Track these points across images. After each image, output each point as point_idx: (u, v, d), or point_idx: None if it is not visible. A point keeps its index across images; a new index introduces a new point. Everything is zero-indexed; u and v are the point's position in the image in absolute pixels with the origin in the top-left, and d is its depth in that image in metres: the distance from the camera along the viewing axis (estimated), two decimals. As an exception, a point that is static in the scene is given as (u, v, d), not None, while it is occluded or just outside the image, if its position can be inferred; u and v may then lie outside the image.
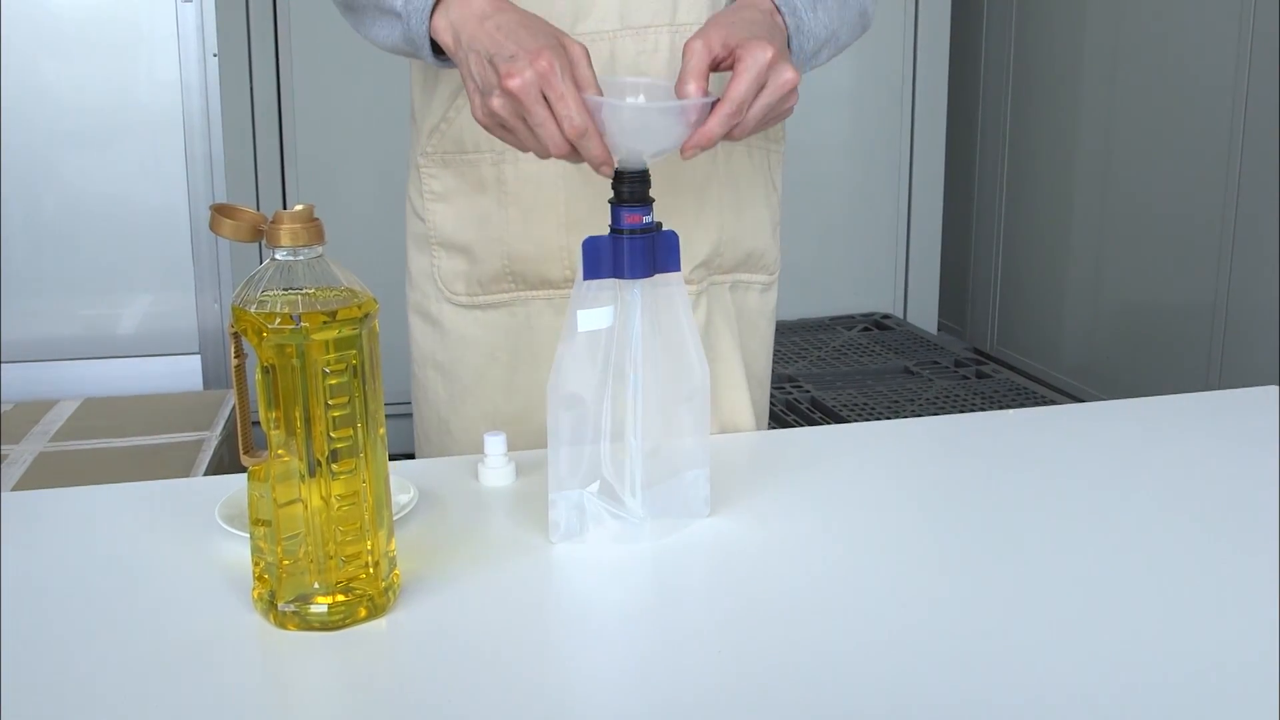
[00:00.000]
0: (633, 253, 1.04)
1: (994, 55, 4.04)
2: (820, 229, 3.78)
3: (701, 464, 1.12)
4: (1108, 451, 1.30)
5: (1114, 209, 3.52)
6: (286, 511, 0.92)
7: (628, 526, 1.09)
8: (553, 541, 1.08)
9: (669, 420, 1.10)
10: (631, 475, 1.09)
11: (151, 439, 2.78)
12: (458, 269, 1.37)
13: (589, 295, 1.05)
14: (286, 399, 0.90)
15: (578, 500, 1.08)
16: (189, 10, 3.72)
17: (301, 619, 0.93)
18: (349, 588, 0.93)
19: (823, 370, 3.32)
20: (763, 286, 1.44)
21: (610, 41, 1.26)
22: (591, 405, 1.07)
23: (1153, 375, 3.37)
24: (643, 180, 1.05)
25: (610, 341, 1.06)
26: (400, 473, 1.17)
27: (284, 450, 0.91)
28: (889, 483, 1.23)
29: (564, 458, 1.07)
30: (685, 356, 1.09)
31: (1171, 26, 3.25)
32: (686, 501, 1.12)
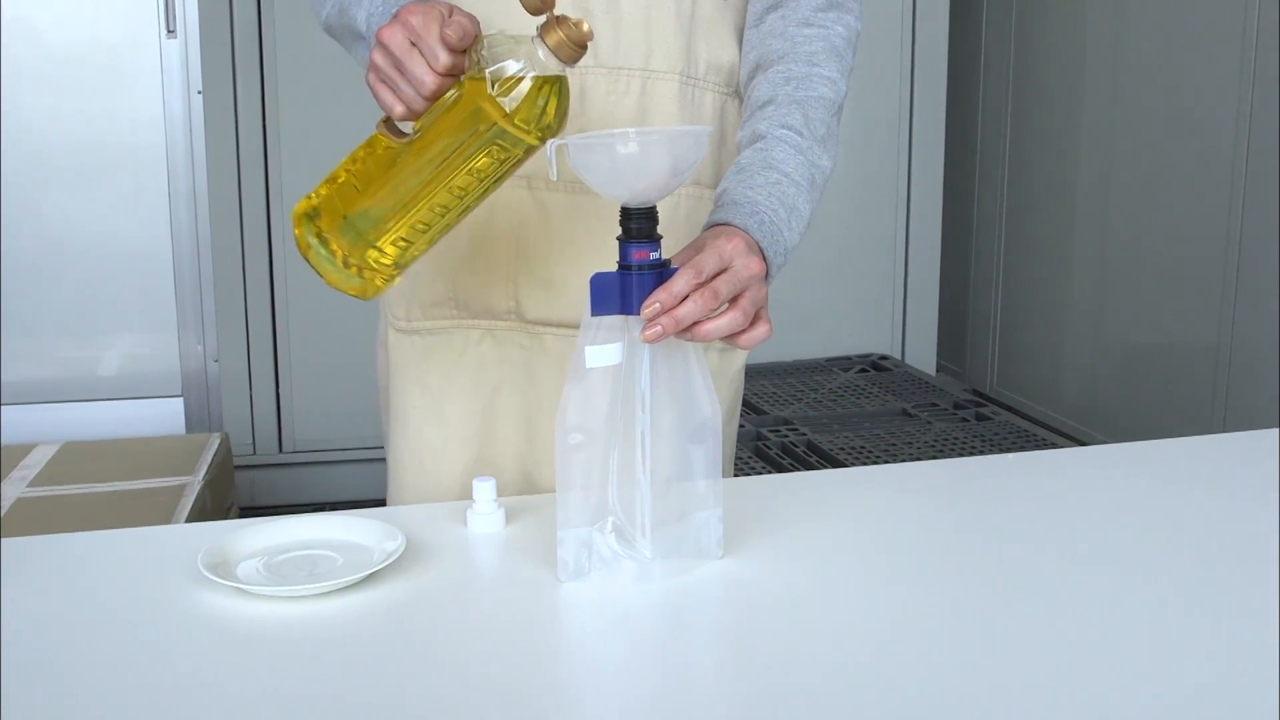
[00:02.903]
0: (641, 288, 1.06)
1: (992, 92, 4.06)
2: (816, 268, 3.79)
3: (714, 505, 1.12)
4: (1110, 497, 1.30)
5: (1115, 247, 3.53)
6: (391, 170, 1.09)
7: (637, 567, 1.09)
8: (560, 580, 1.08)
9: (679, 460, 1.10)
10: (641, 515, 1.09)
11: (132, 484, 2.77)
12: (401, 291, 1.39)
13: (597, 332, 1.06)
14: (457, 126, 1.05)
15: (586, 539, 1.08)
16: (173, 46, 3.74)
17: (316, 251, 1.10)
18: (365, 262, 1.10)
19: (819, 413, 3.32)
20: (723, 348, 1.42)
21: (580, 77, 1.28)
22: (600, 444, 1.08)
23: (1156, 417, 3.37)
24: (649, 217, 1.06)
25: (618, 379, 1.07)
26: (388, 519, 1.17)
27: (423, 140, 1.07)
28: (886, 529, 1.24)
29: (573, 496, 1.07)
30: (695, 395, 1.09)
31: (1172, 67, 3.28)
32: (698, 543, 1.12)
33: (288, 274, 3.42)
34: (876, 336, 3.92)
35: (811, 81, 1.29)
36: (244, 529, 1.15)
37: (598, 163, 1.06)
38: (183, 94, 3.76)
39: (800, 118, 1.27)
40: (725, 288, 1.09)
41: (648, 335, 1.06)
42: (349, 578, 1.06)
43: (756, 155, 1.25)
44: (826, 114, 1.29)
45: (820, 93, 1.29)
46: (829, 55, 1.31)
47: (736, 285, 1.10)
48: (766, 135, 1.26)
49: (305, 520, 1.17)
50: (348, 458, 3.51)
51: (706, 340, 1.08)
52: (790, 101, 1.28)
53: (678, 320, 1.06)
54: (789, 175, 1.23)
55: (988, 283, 4.14)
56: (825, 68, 1.30)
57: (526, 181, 1.31)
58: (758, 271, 1.12)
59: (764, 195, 1.21)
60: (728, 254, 1.11)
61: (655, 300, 1.06)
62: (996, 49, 4.03)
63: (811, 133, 1.27)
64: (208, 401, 3.84)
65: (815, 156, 1.26)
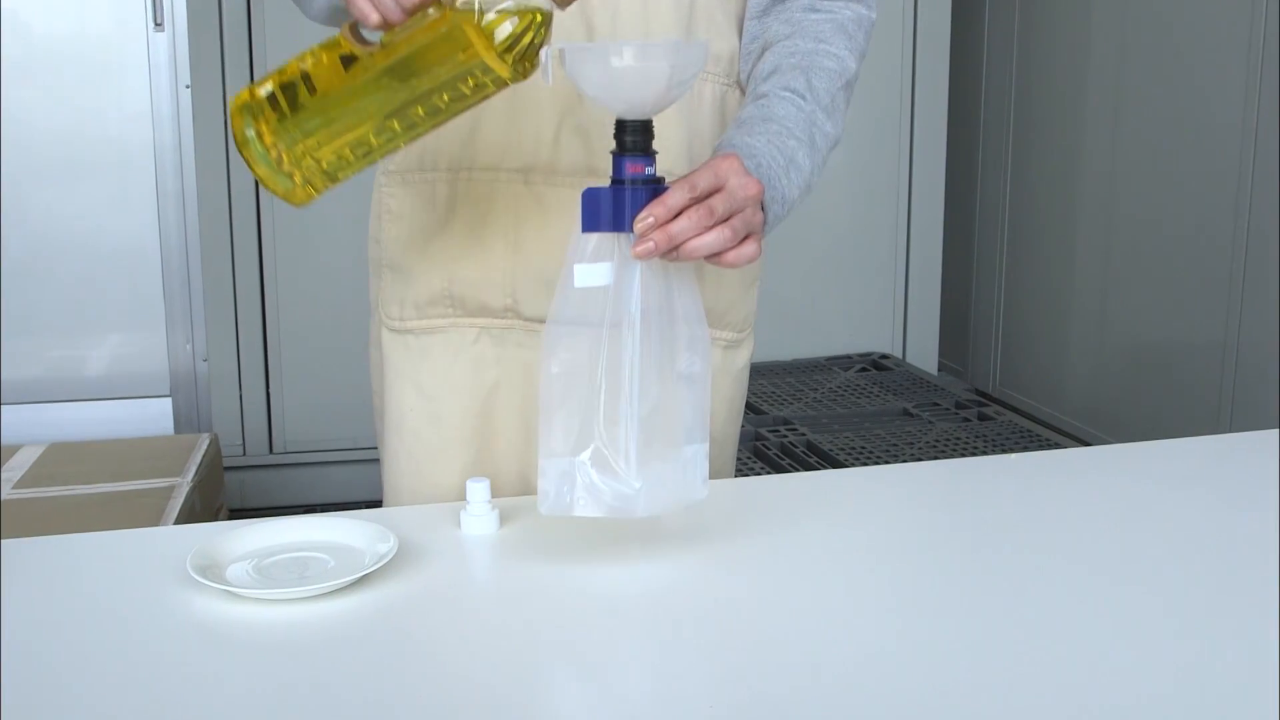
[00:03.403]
0: (635, 204, 1.05)
1: (994, 87, 4.07)
2: (815, 266, 3.79)
3: (701, 439, 1.10)
4: (1114, 498, 1.30)
5: (1119, 244, 3.54)
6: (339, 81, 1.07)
7: (620, 498, 1.06)
8: (541, 511, 1.07)
9: (667, 389, 1.08)
10: (626, 445, 1.06)
11: (120, 485, 2.77)
12: (395, 291, 1.38)
13: (587, 249, 1.05)
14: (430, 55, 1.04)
15: (568, 470, 1.06)
16: (160, 40, 3.74)
17: (253, 146, 1.08)
18: (299, 167, 1.09)
19: (818, 413, 3.32)
20: (727, 344, 1.41)
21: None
22: (586, 368, 1.06)
23: (1161, 416, 3.37)
24: (645, 130, 1.06)
25: (608, 300, 1.05)
26: (380, 520, 1.17)
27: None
28: (887, 530, 1.24)
29: (556, 423, 1.06)
30: (688, 321, 1.08)
31: (1177, 63, 3.28)
32: (684, 480, 1.10)
33: (278, 272, 3.42)
34: (877, 335, 3.93)
35: (817, 56, 1.29)
36: (234, 531, 1.15)
37: (593, 72, 1.05)
38: (170, 89, 3.75)
39: (804, 82, 1.27)
40: (721, 205, 1.08)
41: (639, 251, 1.04)
42: (340, 580, 1.06)
43: (757, 109, 1.25)
44: (832, 85, 1.29)
45: (826, 65, 1.29)
46: (836, 32, 1.31)
47: (732, 204, 1.09)
48: (768, 94, 1.26)
49: (296, 522, 1.17)
50: (339, 458, 3.51)
51: (692, 257, 1.07)
52: (794, 69, 1.28)
53: (671, 236, 1.05)
54: (789, 129, 1.23)
55: (990, 280, 4.15)
56: (832, 44, 1.30)
57: (523, 176, 1.31)
58: (754, 193, 1.11)
59: (762, 142, 1.20)
60: (723, 172, 1.10)
61: (649, 214, 1.05)
62: (999, 44, 4.03)
63: (815, 98, 1.27)
64: (197, 401, 3.84)
65: (818, 119, 1.26)
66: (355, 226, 3.29)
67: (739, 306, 1.42)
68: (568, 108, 1.28)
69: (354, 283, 2.70)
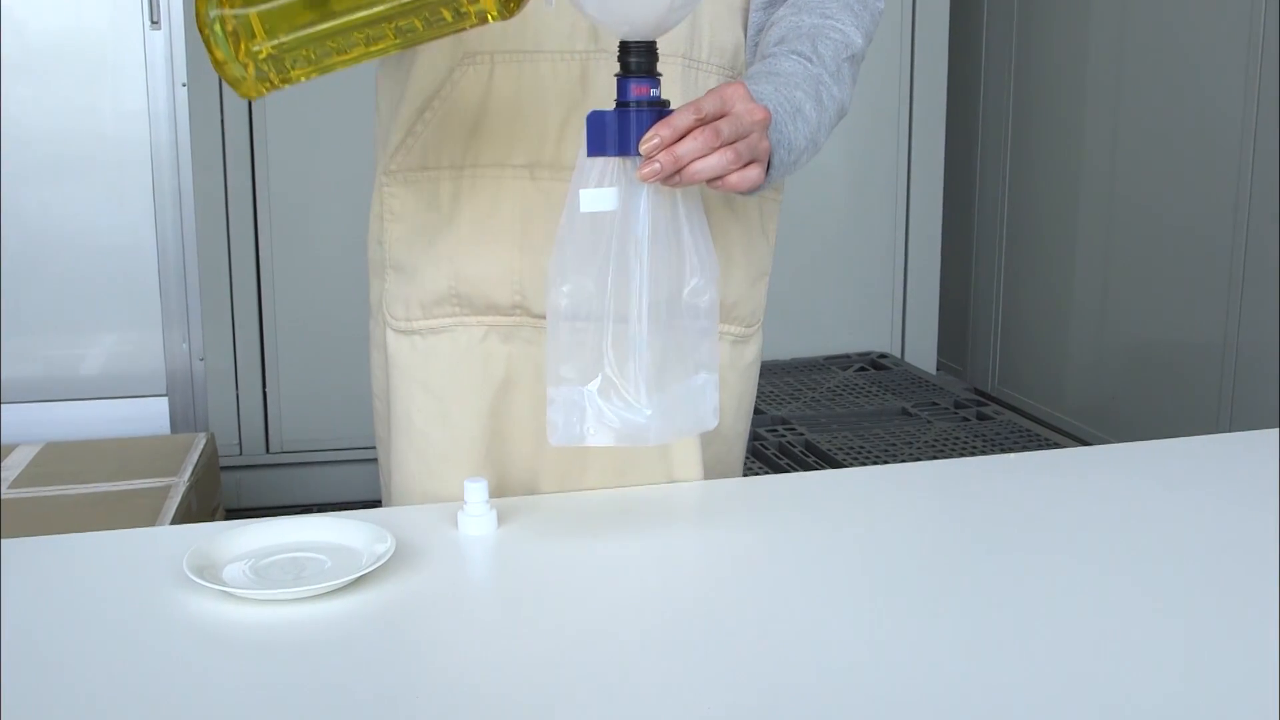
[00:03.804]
0: (640, 126, 1.05)
1: (993, 84, 4.07)
2: (813, 264, 3.79)
3: (710, 368, 1.10)
4: (1113, 498, 1.30)
5: (1119, 243, 3.54)
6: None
7: (631, 426, 1.06)
8: (551, 443, 1.06)
9: (676, 317, 1.08)
10: (636, 372, 1.06)
11: (116, 485, 2.77)
12: (400, 291, 1.38)
13: (592, 174, 1.04)
14: None
15: (578, 399, 1.06)
16: (157, 38, 3.74)
17: (213, 29, 1.06)
18: (255, 60, 1.07)
19: (817, 412, 3.32)
20: (735, 339, 1.41)
21: (583, 61, 1.28)
22: (593, 295, 1.05)
23: (1161, 416, 3.38)
24: (649, 51, 1.05)
25: (614, 226, 1.05)
26: (377, 520, 1.17)
27: None
28: (885, 530, 1.24)
29: (563, 352, 1.05)
30: (696, 247, 1.07)
31: (1177, 61, 3.28)
32: (694, 409, 1.09)
33: (274, 271, 3.42)
34: (876, 334, 3.93)
35: (823, 29, 1.29)
36: (230, 531, 1.15)
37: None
38: (167, 87, 3.75)
39: (810, 47, 1.27)
40: (727, 128, 1.07)
41: (645, 173, 1.04)
42: (337, 581, 1.06)
43: (763, 65, 1.25)
44: (838, 54, 1.28)
45: (832, 36, 1.29)
46: (842, 9, 1.31)
47: (739, 129, 1.09)
48: (775, 55, 1.26)
49: (292, 522, 1.17)
50: (336, 458, 3.51)
51: (696, 180, 1.07)
52: (800, 37, 1.27)
53: (677, 158, 1.05)
54: (795, 82, 1.22)
55: (989, 279, 4.15)
56: (838, 20, 1.30)
57: (529, 171, 1.30)
58: (761, 118, 1.11)
59: (769, 90, 1.20)
60: (729, 97, 1.10)
61: (656, 134, 1.05)
62: (998, 42, 4.04)
63: (821, 63, 1.26)
64: (193, 401, 3.84)
65: (825, 80, 1.25)
66: (352, 224, 3.30)
67: (747, 300, 1.41)
68: (573, 101, 1.28)
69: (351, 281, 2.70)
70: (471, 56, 1.29)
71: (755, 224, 1.40)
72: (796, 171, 1.23)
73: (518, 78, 1.28)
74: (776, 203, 1.43)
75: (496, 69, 1.28)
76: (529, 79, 1.28)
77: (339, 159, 3.37)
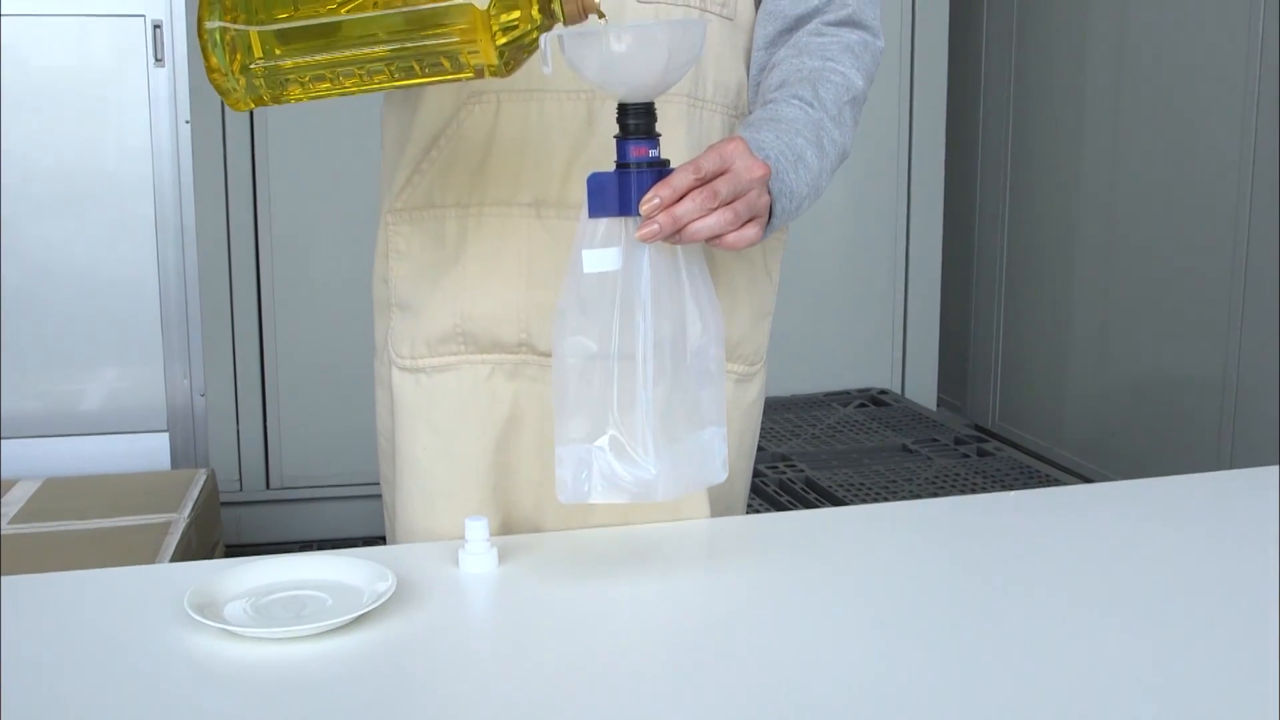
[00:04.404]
0: (640, 187, 1.06)
1: (992, 119, 4.08)
2: (813, 300, 3.80)
3: (718, 421, 1.11)
4: (1114, 536, 1.30)
5: (1119, 279, 3.54)
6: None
7: (639, 483, 1.06)
8: (560, 500, 1.07)
9: (682, 373, 1.08)
10: (643, 430, 1.07)
11: (116, 521, 2.76)
12: (405, 329, 1.38)
13: (595, 234, 1.05)
14: None
15: (585, 456, 1.07)
16: (161, 75, 3.75)
17: (213, 37, 1.07)
18: (252, 75, 1.07)
19: (817, 449, 3.32)
20: (738, 378, 1.41)
21: (588, 102, 1.29)
22: (599, 354, 1.06)
23: (1162, 452, 3.37)
24: (647, 113, 1.07)
25: (617, 284, 1.06)
26: (377, 558, 1.17)
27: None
28: (887, 569, 1.23)
29: (570, 410, 1.06)
30: (699, 302, 1.08)
31: (1174, 100, 3.29)
32: (703, 462, 1.10)
33: (276, 306, 3.42)
34: (876, 370, 3.93)
35: (824, 72, 1.30)
36: (231, 569, 1.15)
37: (593, 56, 1.06)
38: (170, 124, 3.77)
39: (811, 92, 1.27)
40: (725, 188, 1.08)
41: (644, 233, 1.05)
42: (338, 619, 1.06)
43: (764, 111, 1.26)
44: (839, 97, 1.29)
45: (833, 79, 1.29)
46: (842, 52, 1.32)
47: (737, 187, 1.09)
48: (776, 100, 1.27)
49: (294, 560, 1.17)
50: (337, 494, 3.50)
51: (693, 240, 1.08)
52: (801, 81, 1.28)
53: (675, 219, 1.06)
54: (796, 128, 1.23)
55: (989, 315, 4.15)
56: (838, 63, 1.31)
57: (535, 210, 1.31)
58: (760, 174, 1.12)
59: (770, 137, 1.20)
60: (728, 154, 1.11)
61: (655, 195, 1.06)
62: (996, 77, 4.05)
63: (822, 107, 1.27)
64: (194, 436, 3.84)
65: (826, 125, 1.26)
66: (354, 261, 3.31)
67: (750, 339, 1.42)
68: (579, 139, 1.29)
69: (352, 318, 2.71)
70: (478, 95, 1.29)
71: (759, 264, 1.41)
72: (799, 217, 1.24)
73: (524, 116, 1.29)
74: (781, 242, 1.43)
75: (503, 107, 1.29)
76: (535, 117, 1.29)
77: (341, 195, 3.38)
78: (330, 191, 3.40)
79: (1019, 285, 4.01)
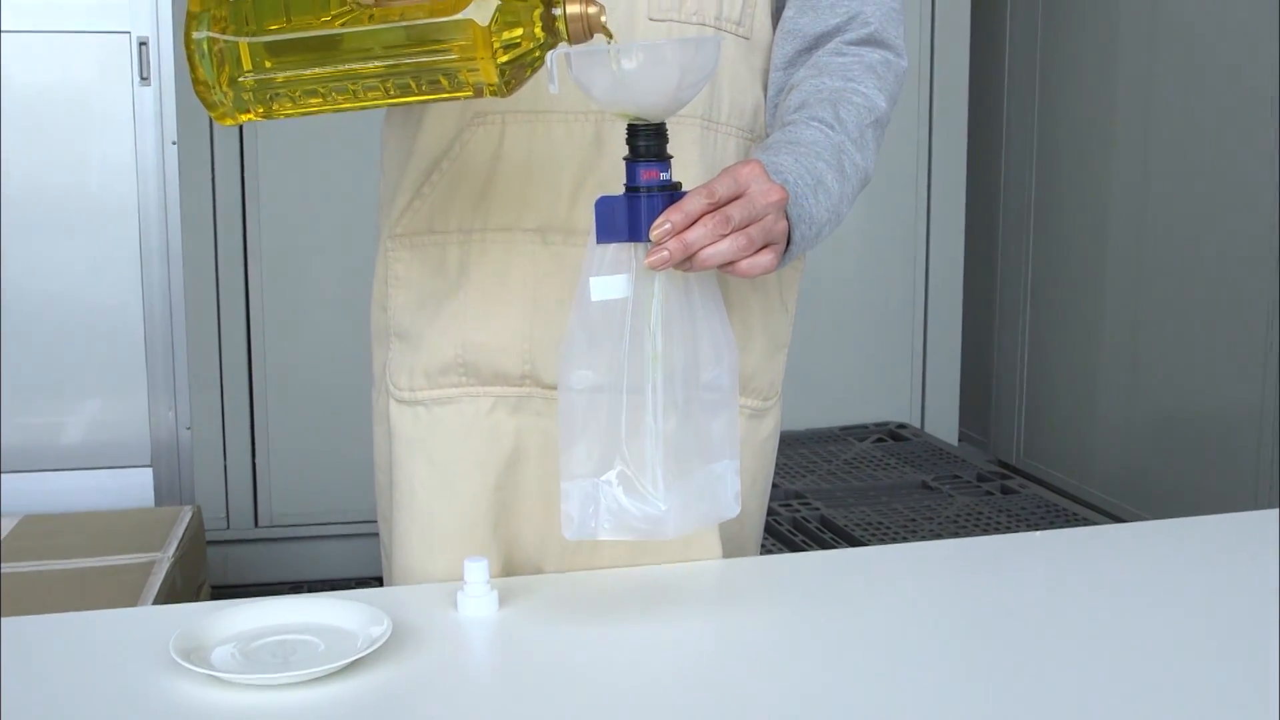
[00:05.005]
0: (651, 212, 1.06)
1: (1016, 141, 4.09)
2: (828, 329, 3.80)
3: (731, 454, 1.10)
4: (1146, 579, 1.30)
5: (1149, 307, 3.54)
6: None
7: (648, 519, 1.06)
8: (565, 537, 1.07)
9: (693, 404, 1.08)
10: (652, 462, 1.07)
11: (97, 561, 2.76)
12: (404, 360, 1.38)
13: (603, 260, 1.05)
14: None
15: (592, 491, 1.07)
16: (146, 93, 3.77)
17: (200, 46, 1.07)
18: (241, 87, 1.07)
19: (833, 486, 3.32)
20: (752, 412, 1.41)
21: (596, 124, 1.29)
22: (606, 384, 1.06)
23: (1195, 489, 3.37)
24: (659, 134, 1.07)
25: (626, 313, 1.06)
26: (372, 601, 1.17)
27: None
28: (907, 613, 1.23)
29: (577, 443, 1.06)
30: (711, 331, 1.08)
31: (1207, 128, 3.30)
32: (714, 497, 1.10)
33: (266, 336, 3.43)
34: (894, 403, 3.93)
35: (845, 92, 1.30)
36: (219, 611, 1.15)
37: (602, 75, 1.06)
38: (156, 144, 3.78)
39: (831, 114, 1.28)
40: (739, 213, 1.08)
41: (653, 260, 1.05)
42: (331, 665, 1.05)
43: (782, 134, 1.26)
44: (861, 119, 1.29)
45: (854, 100, 1.30)
46: (865, 72, 1.32)
47: (751, 212, 1.10)
48: (795, 122, 1.27)
49: (284, 602, 1.17)
50: (329, 533, 3.50)
51: (705, 267, 1.08)
52: (822, 102, 1.29)
53: (686, 245, 1.06)
54: (817, 151, 1.23)
55: (1013, 344, 4.15)
56: (860, 83, 1.31)
57: (541, 235, 1.31)
58: (776, 199, 1.12)
59: (789, 161, 1.21)
60: (744, 178, 1.11)
61: (666, 220, 1.06)
62: (1020, 98, 4.06)
63: (844, 129, 1.27)
64: (179, 471, 3.83)
65: (847, 148, 1.26)
66: (349, 288, 3.31)
67: (764, 372, 1.41)
68: (587, 162, 1.29)
69: (346, 348, 2.71)
70: (481, 116, 1.30)
71: (774, 295, 1.41)
72: (819, 244, 1.24)
73: (530, 138, 1.29)
74: (798, 272, 1.44)
75: (508, 129, 1.30)
76: (541, 140, 1.29)
77: (336, 219, 3.39)
78: (324, 215, 3.41)
79: (1045, 313, 4.01)
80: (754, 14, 1.34)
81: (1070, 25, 3.84)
